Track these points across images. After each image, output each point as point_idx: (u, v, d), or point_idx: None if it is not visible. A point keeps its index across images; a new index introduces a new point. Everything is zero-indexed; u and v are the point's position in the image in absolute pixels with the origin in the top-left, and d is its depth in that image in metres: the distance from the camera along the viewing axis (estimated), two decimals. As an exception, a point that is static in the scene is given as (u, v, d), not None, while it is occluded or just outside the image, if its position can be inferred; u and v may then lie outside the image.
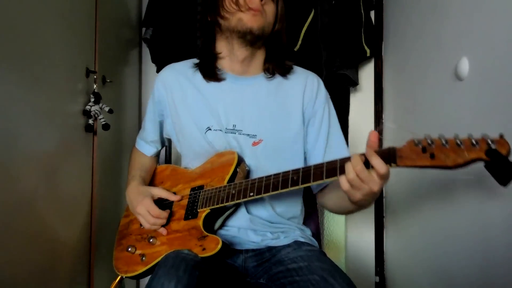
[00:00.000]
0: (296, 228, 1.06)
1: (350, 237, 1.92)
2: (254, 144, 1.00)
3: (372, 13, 1.90)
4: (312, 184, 0.81)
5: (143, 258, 0.96)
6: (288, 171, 0.85)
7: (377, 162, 0.70)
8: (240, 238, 0.99)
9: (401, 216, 1.70)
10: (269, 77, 1.05)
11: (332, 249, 1.85)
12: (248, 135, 1.00)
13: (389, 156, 0.70)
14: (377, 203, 1.87)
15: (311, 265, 0.89)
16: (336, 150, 1.04)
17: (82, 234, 1.35)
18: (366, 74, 1.93)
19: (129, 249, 0.99)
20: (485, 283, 1.06)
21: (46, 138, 1.12)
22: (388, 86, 1.86)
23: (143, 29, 1.88)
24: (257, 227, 1.00)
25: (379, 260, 1.86)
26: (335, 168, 0.77)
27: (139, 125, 1.98)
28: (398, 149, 0.69)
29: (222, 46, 1.04)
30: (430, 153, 0.65)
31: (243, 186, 0.90)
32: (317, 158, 1.04)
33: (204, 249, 0.86)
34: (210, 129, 1.02)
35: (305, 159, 1.07)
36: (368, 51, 1.79)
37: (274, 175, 0.87)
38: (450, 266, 1.24)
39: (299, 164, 0.98)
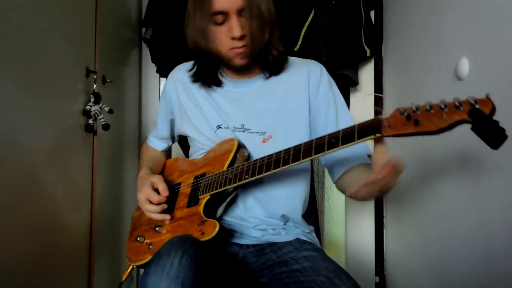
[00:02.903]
0: (297, 226, 1.06)
1: (350, 237, 1.92)
2: (264, 140, 1.02)
3: (372, 13, 1.90)
4: (302, 161, 0.79)
5: (150, 247, 0.99)
6: (280, 151, 0.85)
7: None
8: (240, 232, 1.00)
9: (401, 216, 1.70)
10: (268, 77, 1.07)
11: (332, 249, 1.85)
12: (258, 132, 1.02)
13: (374, 126, 0.70)
14: (377, 203, 1.87)
15: (316, 265, 0.89)
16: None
17: (83, 234, 1.35)
18: (366, 74, 1.93)
19: (138, 239, 1.02)
20: (485, 282, 1.06)
21: (46, 138, 1.12)
22: (388, 86, 1.86)
23: (143, 29, 1.88)
24: (257, 222, 1.01)
25: (379, 260, 1.86)
26: (323, 143, 0.76)
27: (139, 125, 1.98)
28: (383, 119, 0.69)
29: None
30: (414, 119, 0.64)
31: (239, 170, 0.91)
32: None
33: (203, 233, 0.88)
34: (220, 127, 1.05)
35: None
36: (368, 51, 1.79)
37: (268, 156, 0.87)
38: (450, 265, 1.24)
39: None
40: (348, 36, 1.76)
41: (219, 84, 1.06)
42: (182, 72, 1.13)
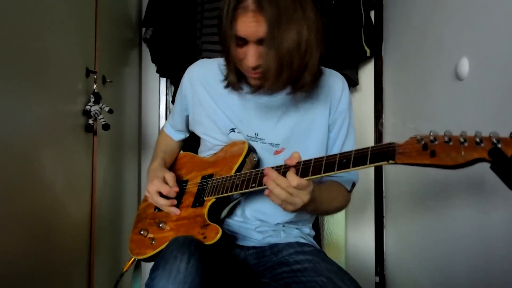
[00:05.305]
0: (297, 229, 1.06)
1: (350, 237, 1.92)
2: (276, 153, 1.00)
3: (372, 13, 1.90)
4: (310, 178, 0.78)
5: (153, 242, 0.99)
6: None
7: (290, 176, 0.77)
8: (241, 234, 1.00)
9: (401, 216, 1.70)
10: (290, 93, 0.99)
11: (332, 249, 1.85)
12: (271, 144, 1.00)
13: (388, 152, 0.66)
14: (377, 203, 1.87)
15: (317, 266, 0.89)
16: None
17: (83, 234, 1.35)
18: (366, 74, 1.93)
19: (142, 232, 1.03)
20: (485, 282, 1.06)
21: (46, 138, 1.12)
22: (388, 86, 1.86)
23: (143, 29, 1.88)
24: (257, 224, 1.01)
25: (379, 260, 1.86)
26: (334, 161, 0.75)
27: (139, 125, 1.98)
28: (398, 145, 0.66)
29: None
30: (430, 150, 0.60)
31: (247, 177, 0.90)
32: None
33: (205, 237, 0.89)
34: (233, 131, 1.02)
35: None
36: (368, 51, 1.79)
37: (277, 167, 0.85)
38: (450, 266, 1.24)
39: None
40: (348, 36, 1.76)
41: (239, 89, 0.99)
42: (202, 69, 1.07)
